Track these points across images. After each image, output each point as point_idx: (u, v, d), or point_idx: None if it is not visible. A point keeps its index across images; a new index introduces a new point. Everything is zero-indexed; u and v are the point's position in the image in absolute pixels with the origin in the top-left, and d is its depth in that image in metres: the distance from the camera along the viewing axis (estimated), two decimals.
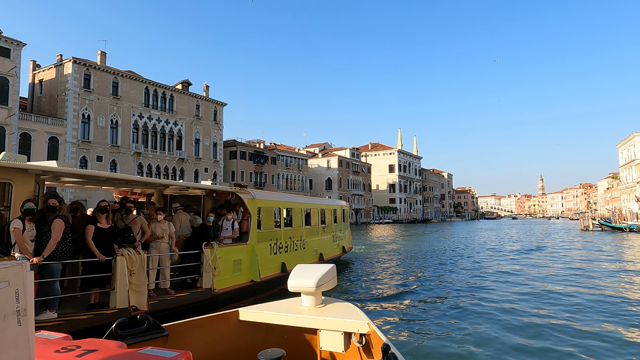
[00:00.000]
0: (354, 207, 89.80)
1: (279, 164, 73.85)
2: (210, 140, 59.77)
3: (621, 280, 13.37)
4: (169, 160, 53.60)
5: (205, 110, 59.74)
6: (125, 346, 1.78)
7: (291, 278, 3.25)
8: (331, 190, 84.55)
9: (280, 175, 73.84)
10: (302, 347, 3.38)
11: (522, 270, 15.61)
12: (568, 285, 12.34)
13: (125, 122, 49.01)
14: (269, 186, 70.24)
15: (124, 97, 49.09)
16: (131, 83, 50.04)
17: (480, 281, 13.00)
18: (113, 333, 2.51)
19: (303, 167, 79.69)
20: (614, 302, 9.86)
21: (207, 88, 60.57)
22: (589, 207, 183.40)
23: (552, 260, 19.10)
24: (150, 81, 52.18)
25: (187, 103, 57.03)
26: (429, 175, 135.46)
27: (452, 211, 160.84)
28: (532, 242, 29.99)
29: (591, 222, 43.53)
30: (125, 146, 48.63)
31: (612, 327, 7.70)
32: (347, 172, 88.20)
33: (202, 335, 3.07)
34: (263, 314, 3.18)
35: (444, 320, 8.04)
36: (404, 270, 15.94)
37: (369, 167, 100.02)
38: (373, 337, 2.86)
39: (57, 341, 1.77)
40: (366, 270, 15.93)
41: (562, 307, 9.38)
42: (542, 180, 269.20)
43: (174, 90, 55.11)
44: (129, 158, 48.75)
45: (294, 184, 77.45)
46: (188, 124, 56.72)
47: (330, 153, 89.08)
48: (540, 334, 7.21)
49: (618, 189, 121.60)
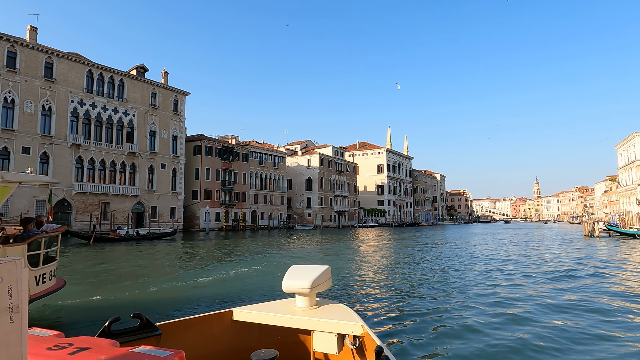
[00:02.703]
0: (337, 210, 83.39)
1: (252, 161, 67.37)
2: (168, 133, 53.24)
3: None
4: (117, 154, 47.03)
5: (164, 99, 53.23)
6: (118, 344, 1.77)
7: (286, 279, 3.16)
8: (312, 190, 78.14)
9: (253, 174, 67.37)
10: (296, 348, 3.32)
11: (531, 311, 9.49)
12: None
13: (62, 109, 42.44)
14: (239, 185, 63.77)
15: (61, 80, 42.55)
16: (70, 65, 43.51)
17: (473, 288, 11.78)
18: (106, 331, 2.43)
19: (280, 165, 73.25)
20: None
21: (166, 75, 54.08)
22: (585, 211, 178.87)
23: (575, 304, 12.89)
24: (95, 64, 45.67)
25: (141, 90, 50.53)
26: (421, 176, 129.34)
27: (444, 214, 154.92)
28: (529, 254, 23.72)
29: (597, 227, 37.39)
30: (61, 137, 42.05)
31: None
32: (330, 171, 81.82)
33: (195, 335, 3.02)
34: (257, 314, 3.13)
35: (436, 324, 7.60)
36: (398, 274, 14.80)
37: (354, 167, 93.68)
38: (366, 339, 2.84)
39: (49, 338, 1.77)
40: (360, 272, 15.10)
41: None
42: (538, 183, 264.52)
43: (124, 75, 48.61)
44: (64, 150, 42.16)
45: (270, 184, 70.98)
46: (142, 114, 50.19)
47: (311, 151, 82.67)
48: (538, 335, 6.87)
49: (617, 191, 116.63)
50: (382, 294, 10.64)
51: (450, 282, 12.61)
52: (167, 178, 52.60)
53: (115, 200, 46.21)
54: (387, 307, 9.00)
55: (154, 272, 15.63)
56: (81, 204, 43.16)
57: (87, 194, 43.49)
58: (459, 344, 6.45)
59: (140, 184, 49.00)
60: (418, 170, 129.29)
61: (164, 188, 51.99)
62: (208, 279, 13.26)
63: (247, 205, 65.33)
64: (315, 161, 78.06)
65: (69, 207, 42.36)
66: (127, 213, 46.90)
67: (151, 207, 50.10)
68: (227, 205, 60.78)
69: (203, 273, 14.78)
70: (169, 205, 52.31)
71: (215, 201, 59.28)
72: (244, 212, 64.10)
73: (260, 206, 68.02)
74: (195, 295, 10.49)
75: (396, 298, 10.09)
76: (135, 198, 48.32)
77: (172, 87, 54.14)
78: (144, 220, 48.51)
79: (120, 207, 46.61)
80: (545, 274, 14.41)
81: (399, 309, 8.85)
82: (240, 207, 63.57)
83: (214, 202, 59.14)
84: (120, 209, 46.45)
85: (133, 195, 47.81)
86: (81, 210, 43.03)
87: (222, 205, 60.29)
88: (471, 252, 23.60)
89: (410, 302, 9.57)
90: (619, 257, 20.37)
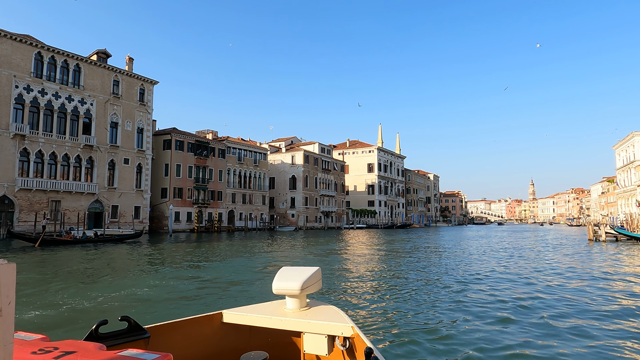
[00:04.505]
0: (323, 210, 78.88)
1: (230, 157, 62.75)
2: (133, 125, 48.54)
3: None
4: (71, 147, 42.30)
5: (128, 87, 48.53)
6: (105, 348, 1.75)
7: (276, 280, 3.10)
8: (295, 190, 73.59)
9: (231, 171, 62.74)
10: (286, 350, 3.29)
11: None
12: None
13: (3, 95, 37.70)
14: (215, 183, 59.15)
15: (2, 62, 37.80)
16: (15, 46, 38.79)
17: (464, 287, 11.52)
18: (93, 334, 2.37)
19: (261, 162, 68.65)
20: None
21: (131, 61, 49.40)
22: (581, 213, 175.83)
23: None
24: (46, 46, 40.96)
25: (101, 77, 45.83)
26: (413, 176, 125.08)
27: (438, 215, 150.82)
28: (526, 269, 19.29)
29: (603, 230, 33.10)
30: (2, 126, 37.32)
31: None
32: (315, 169, 77.29)
33: (184, 337, 2.95)
34: (247, 316, 3.09)
35: (427, 325, 7.62)
36: (389, 275, 14.17)
37: (342, 165, 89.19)
38: (356, 340, 2.80)
39: (34, 342, 1.72)
40: (351, 274, 14.55)
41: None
42: (533, 185, 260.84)
43: (81, 60, 43.90)
44: (6, 142, 37.41)
45: (250, 182, 66.36)
46: (101, 103, 45.48)
47: (295, 148, 78.14)
48: (531, 335, 6.88)
49: (615, 193, 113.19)
50: (376, 294, 10.54)
51: (438, 287, 11.95)
52: (131, 174, 47.90)
53: (68, 198, 41.49)
54: (377, 309, 8.91)
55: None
56: (26, 202, 38.43)
57: (34, 190, 38.76)
58: (448, 345, 6.43)
59: (98, 180, 44.29)
60: (411, 170, 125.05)
61: (127, 185, 47.30)
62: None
63: (224, 205, 60.71)
64: (300, 158, 73.54)
65: (11, 205, 37.62)
66: (82, 212, 42.19)
67: (111, 206, 45.40)
68: (200, 204, 56.14)
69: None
70: (132, 204, 47.61)
71: (186, 200, 54.65)
72: (219, 212, 59.47)
73: (238, 206, 63.41)
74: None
75: (386, 300, 9.89)
76: (93, 196, 43.62)
77: (138, 74, 49.44)
78: (102, 220, 43.84)
79: (75, 205, 41.89)
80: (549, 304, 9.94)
81: (388, 310, 8.79)
82: (215, 207, 58.94)
83: (185, 201, 54.50)
84: (74, 207, 41.73)
85: (90, 192, 43.10)
86: (26, 209, 38.30)
87: (195, 205, 55.65)
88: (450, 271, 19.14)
89: (400, 305, 9.38)
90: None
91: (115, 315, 2.60)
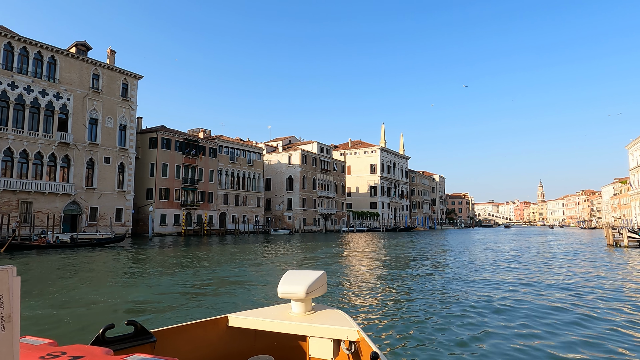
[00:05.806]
0: (322, 212, 75.49)
1: (222, 157, 59.67)
2: (114, 122, 45.62)
3: None
4: (45, 145, 39.44)
5: (109, 82, 45.66)
6: (112, 353, 1.75)
7: (281, 284, 3.06)
8: (292, 191, 70.33)
9: (223, 172, 59.65)
10: (291, 354, 3.25)
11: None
12: None
13: None
14: (205, 184, 56.07)
15: None
16: None
17: (468, 292, 11.32)
18: (100, 339, 2.37)
19: (255, 162, 65.50)
20: None
21: (112, 54, 46.54)
22: (592, 215, 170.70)
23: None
24: (17, 35, 38.20)
25: (79, 70, 42.98)
26: (418, 177, 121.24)
27: (444, 218, 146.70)
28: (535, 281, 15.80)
29: (626, 234, 29.43)
30: None
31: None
32: (314, 169, 73.97)
33: (190, 341, 2.94)
34: (252, 320, 3.06)
35: (432, 330, 7.49)
36: (395, 279, 13.83)
37: (342, 166, 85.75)
38: (362, 344, 2.77)
39: (42, 347, 1.72)
40: (356, 277, 14.16)
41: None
42: (542, 186, 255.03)
43: (57, 52, 41.09)
44: None
45: (244, 183, 63.22)
46: (79, 98, 42.61)
47: (293, 147, 74.92)
48: (539, 338, 6.79)
49: (628, 194, 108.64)
50: (382, 299, 10.38)
51: (445, 292, 11.34)
52: (112, 174, 44.95)
53: (41, 199, 38.60)
54: (383, 314, 8.74)
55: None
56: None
57: (1, 191, 35.91)
58: (455, 351, 6.34)
59: (75, 180, 41.38)
60: (415, 171, 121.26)
61: (108, 185, 44.36)
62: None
63: (215, 207, 57.61)
64: (297, 158, 70.29)
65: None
66: (57, 215, 39.30)
67: (90, 208, 42.46)
68: (188, 206, 53.08)
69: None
70: (113, 206, 44.65)
71: (174, 201, 51.63)
72: (210, 214, 56.36)
73: (231, 208, 60.28)
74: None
75: (392, 306, 9.62)
76: (69, 197, 40.70)
77: (120, 68, 46.56)
78: (78, 223, 40.90)
79: (48, 207, 38.99)
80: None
81: (394, 315, 8.62)
82: (205, 209, 55.85)
83: (173, 203, 51.48)
84: (47, 209, 38.84)
85: (65, 193, 40.18)
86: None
87: (183, 206, 52.60)
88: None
89: (407, 310, 9.15)
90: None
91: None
